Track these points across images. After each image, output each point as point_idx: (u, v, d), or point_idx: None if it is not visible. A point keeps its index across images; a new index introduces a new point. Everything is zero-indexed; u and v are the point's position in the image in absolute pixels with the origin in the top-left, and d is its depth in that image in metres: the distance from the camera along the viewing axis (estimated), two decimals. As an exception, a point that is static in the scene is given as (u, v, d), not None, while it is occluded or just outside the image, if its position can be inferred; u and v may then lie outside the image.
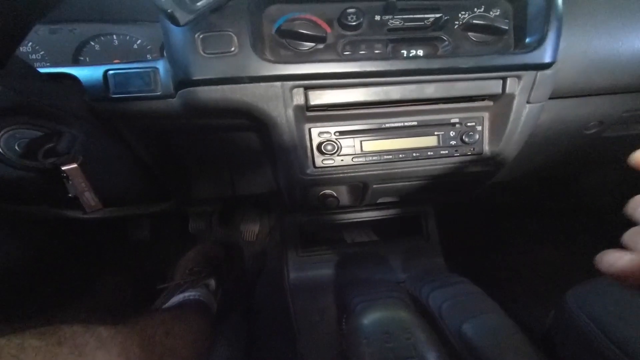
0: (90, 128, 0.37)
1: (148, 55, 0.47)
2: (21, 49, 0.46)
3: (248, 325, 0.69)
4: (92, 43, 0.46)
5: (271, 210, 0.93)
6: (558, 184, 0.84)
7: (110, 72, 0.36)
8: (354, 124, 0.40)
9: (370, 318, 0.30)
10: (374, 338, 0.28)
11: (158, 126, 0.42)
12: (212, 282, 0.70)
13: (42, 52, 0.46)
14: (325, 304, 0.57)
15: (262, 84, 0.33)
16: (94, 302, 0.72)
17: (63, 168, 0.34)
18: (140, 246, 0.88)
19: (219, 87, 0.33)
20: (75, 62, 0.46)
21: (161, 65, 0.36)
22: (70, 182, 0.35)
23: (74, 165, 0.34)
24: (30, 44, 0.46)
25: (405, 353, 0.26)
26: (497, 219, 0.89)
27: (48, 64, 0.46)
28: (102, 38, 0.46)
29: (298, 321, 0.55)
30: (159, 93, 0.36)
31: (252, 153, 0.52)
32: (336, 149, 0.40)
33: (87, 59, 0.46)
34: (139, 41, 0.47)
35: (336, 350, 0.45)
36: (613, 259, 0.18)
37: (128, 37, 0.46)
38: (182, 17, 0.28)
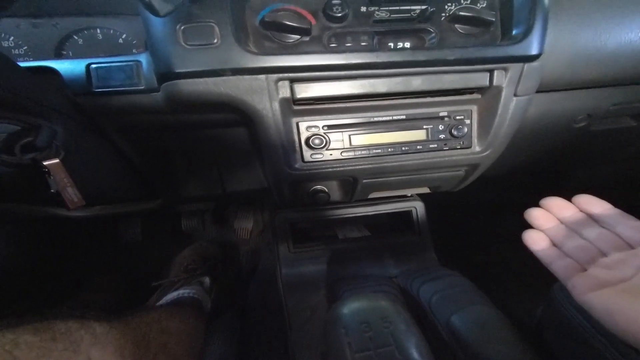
0: (72, 124, 0.37)
1: (134, 50, 0.46)
2: (3, 44, 0.45)
3: (241, 323, 0.69)
4: (75, 37, 0.45)
5: (264, 207, 0.93)
6: (548, 180, 0.85)
7: (93, 65, 0.35)
8: (343, 117, 0.40)
9: (350, 308, 0.30)
10: (352, 328, 0.27)
11: (143, 123, 0.41)
12: (207, 280, 0.70)
13: (24, 47, 0.45)
14: (317, 300, 0.56)
15: (246, 77, 0.33)
16: (87, 302, 0.72)
17: (44, 163, 0.33)
18: (133, 246, 0.87)
19: (202, 79, 0.32)
20: (58, 57, 0.45)
21: (144, 59, 0.35)
22: (51, 178, 0.34)
23: (56, 161, 0.34)
24: (12, 38, 0.45)
25: (383, 342, 0.26)
26: (489, 215, 0.90)
27: (31, 59, 0.45)
28: (85, 32, 0.45)
29: (290, 318, 0.55)
30: (142, 87, 0.36)
31: (241, 149, 0.51)
32: (324, 143, 0.39)
33: (70, 53, 0.45)
34: (124, 35, 0.46)
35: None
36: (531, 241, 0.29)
37: (112, 31, 0.45)
38: (162, 7, 0.27)
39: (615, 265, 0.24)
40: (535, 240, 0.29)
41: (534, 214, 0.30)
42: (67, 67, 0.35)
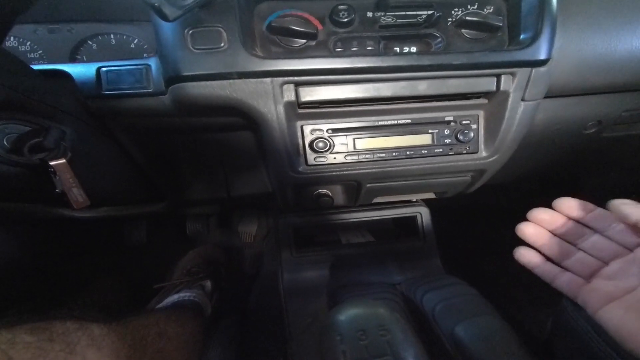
0: (81, 126, 0.38)
1: (145, 55, 0.48)
2: (20, 47, 0.46)
3: (242, 328, 0.68)
4: (90, 42, 0.46)
5: (269, 212, 0.93)
6: (557, 188, 0.82)
7: (103, 69, 0.36)
8: (347, 121, 0.40)
9: (346, 314, 0.29)
10: (348, 335, 0.27)
11: (151, 125, 0.42)
12: (208, 284, 0.70)
13: (40, 51, 0.47)
14: (318, 307, 0.56)
15: (252, 80, 0.33)
16: (88, 303, 0.72)
17: (51, 163, 0.34)
18: (137, 249, 0.87)
19: (209, 83, 0.33)
20: (73, 61, 0.46)
21: (153, 62, 0.36)
22: (57, 178, 0.34)
23: (62, 161, 0.34)
24: (29, 43, 0.46)
25: (379, 351, 0.25)
26: (497, 222, 0.88)
27: (46, 63, 0.46)
28: (99, 37, 0.46)
29: (290, 324, 0.54)
30: (150, 90, 0.36)
31: (246, 153, 0.51)
32: (329, 146, 0.39)
33: (84, 57, 0.46)
34: (135, 40, 0.47)
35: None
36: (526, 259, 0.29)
37: (125, 37, 0.47)
38: (171, 12, 0.28)
39: (617, 275, 0.24)
40: (528, 258, 0.28)
41: (525, 231, 0.29)
42: (79, 70, 0.36)
